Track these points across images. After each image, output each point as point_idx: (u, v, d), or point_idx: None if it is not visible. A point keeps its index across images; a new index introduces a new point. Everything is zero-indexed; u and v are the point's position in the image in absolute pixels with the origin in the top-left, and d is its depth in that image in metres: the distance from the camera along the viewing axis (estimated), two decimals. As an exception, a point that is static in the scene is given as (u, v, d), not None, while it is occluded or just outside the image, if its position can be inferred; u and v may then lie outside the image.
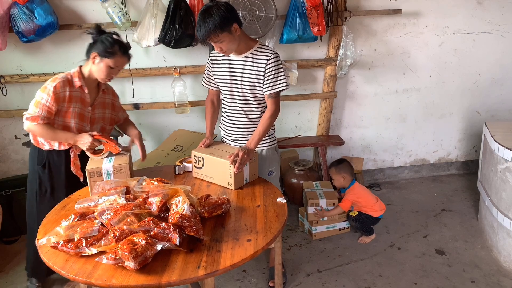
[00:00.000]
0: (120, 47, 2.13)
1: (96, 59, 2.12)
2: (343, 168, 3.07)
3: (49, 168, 2.26)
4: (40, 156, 2.25)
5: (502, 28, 3.67)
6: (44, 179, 2.27)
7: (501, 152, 2.68)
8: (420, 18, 3.53)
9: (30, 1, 2.73)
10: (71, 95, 2.14)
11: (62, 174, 2.27)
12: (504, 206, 2.68)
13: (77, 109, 2.18)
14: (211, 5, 2.06)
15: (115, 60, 2.12)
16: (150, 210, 1.68)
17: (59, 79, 2.11)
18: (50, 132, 2.13)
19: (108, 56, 2.10)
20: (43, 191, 2.29)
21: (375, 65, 3.61)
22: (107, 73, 2.15)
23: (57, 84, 2.09)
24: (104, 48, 2.09)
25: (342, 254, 2.88)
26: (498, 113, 3.95)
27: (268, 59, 2.18)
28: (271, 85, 2.22)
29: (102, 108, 2.32)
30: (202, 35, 2.05)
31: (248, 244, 1.62)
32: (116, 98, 2.44)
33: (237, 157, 2.06)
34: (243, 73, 2.24)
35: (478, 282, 2.59)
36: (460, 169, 4.13)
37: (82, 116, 2.22)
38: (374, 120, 3.80)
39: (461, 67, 3.75)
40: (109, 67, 2.13)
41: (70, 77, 2.16)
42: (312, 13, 3.08)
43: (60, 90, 2.09)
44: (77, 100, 2.18)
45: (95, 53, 2.11)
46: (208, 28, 2.01)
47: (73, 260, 1.51)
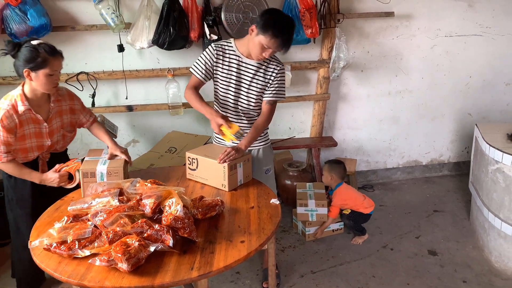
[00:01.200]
0: (46, 50, 1.96)
1: (30, 75, 1.97)
2: (335, 169, 3.10)
3: (15, 178, 2.18)
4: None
5: (493, 30, 3.72)
6: (10, 188, 2.23)
7: (491, 153, 2.71)
8: (412, 20, 3.56)
9: (23, 3, 2.72)
10: (20, 119, 2.03)
11: (28, 184, 2.17)
12: (495, 206, 2.71)
13: (31, 130, 2.09)
14: (292, 21, 2.16)
15: (50, 66, 1.96)
16: (143, 212, 1.68)
17: (3, 110, 1.98)
18: (17, 170, 2.09)
19: (41, 66, 1.95)
20: (10, 199, 2.26)
21: (368, 67, 3.64)
22: (50, 82, 2.00)
23: (3, 117, 1.97)
24: (31, 60, 1.93)
25: (336, 255, 2.90)
26: (489, 114, 4.00)
27: (278, 69, 2.28)
28: (273, 92, 2.29)
29: (59, 116, 2.20)
30: (286, 46, 2.13)
31: (241, 245, 1.62)
32: (75, 101, 2.27)
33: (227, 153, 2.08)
34: (253, 77, 2.26)
35: (469, 282, 2.62)
36: (452, 170, 4.17)
37: (39, 133, 2.13)
38: (367, 122, 3.82)
39: (452, 69, 3.79)
40: (48, 76, 1.98)
41: (14, 102, 2.02)
42: (305, 15, 3.10)
43: (8, 121, 1.98)
44: (29, 122, 2.07)
45: (27, 70, 1.95)
46: (291, 43, 2.14)
47: (66, 262, 1.51)
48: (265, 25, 2.07)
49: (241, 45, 2.25)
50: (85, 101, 2.63)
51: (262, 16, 2.14)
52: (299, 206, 3.03)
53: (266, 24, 2.07)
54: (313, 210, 3.03)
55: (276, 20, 2.09)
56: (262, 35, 2.08)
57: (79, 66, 3.11)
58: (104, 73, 3.12)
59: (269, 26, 2.06)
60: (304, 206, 3.04)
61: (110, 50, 3.09)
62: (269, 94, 2.30)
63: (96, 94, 3.11)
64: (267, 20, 2.08)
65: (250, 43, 2.16)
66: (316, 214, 3.05)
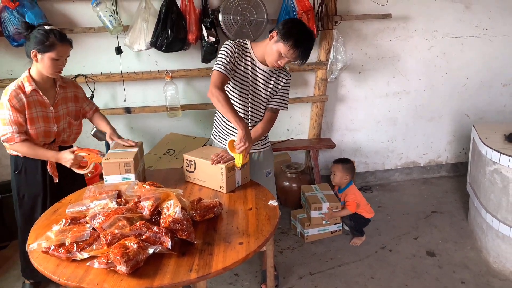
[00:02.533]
0: (56, 36, 2.04)
1: (37, 56, 2.05)
2: (349, 169, 3.15)
3: (25, 174, 2.25)
4: (17, 162, 2.25)
5: (490, 32, 3.73)
6: (20, 185, 2.27)
7: (489, 154, 2.72)
8: (410, 22, 3.58)
9: (20, 5, 2.72)
10: (28, 101, 2.10)
11: (39, 178, 2.25)
12: (492, 207, 2.71)
13: (39, 113, 2.15)
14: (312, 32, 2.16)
15: (56, 51, 2.04)
16: (141, 214, 1.68)
17: (11, 90, 2.07)
18: (32, 151, 2.13)
19: (48, 49, 2.03)
20: (20, 196, 2.29)
21: (366, 68, 3.65)
22: (54, 66, 2.08)
23: (10, 96, 2.05)
24: (40, 42, 2.02)
25: (334, 256, 2.90)
26: (487, 115, 4.01)
27: (286, 78, 2.30)
28: (278, 101, 2.31)
29: (64, 103, 2.27)
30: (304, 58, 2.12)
31: (240, 247, 1.62)
32: (79, 89, 2.37)
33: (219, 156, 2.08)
34: (265, 83, 2.27)
35: (468, 283, 2.62)
36: (450, 171, 4.18)
37: (46, 118, 2.18)
38: (365, 123, 3.83)
39: (450, 70, 3.80)
40: (53, 60, 2.06)
41: (21, 83, 2.10)
42: (303, 17, 3.10)
43: (16, 100, 2.06)
44: (36, 104, 2.13)
45: (34, 51, 2.04)
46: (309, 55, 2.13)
47: (65, 265, 1.51)
48: (286, 34, 2.05)
49: (257, 49, 2.22)
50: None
51: (285, 24, 2.10)
52: (313, 210, 3.02)
53: (288, 33, 2.05)
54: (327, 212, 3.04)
55: (299, 31, 2.07)
56: (282, 43, 2.05)
57: (77, 68, 3.11)
58: (102, 76, 3.12)
59: (291, 35, 2.04)
60: (319, 210, 3.02)
61: (108, 53, 3.10)
62: (274, 103, 2.32)
63: (94, 96, 3.11)
64: (290, 29, 2.06)
65: (268, 49, 2.13)
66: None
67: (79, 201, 1.83)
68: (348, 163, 3.19)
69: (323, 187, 3.28)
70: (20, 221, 2.33)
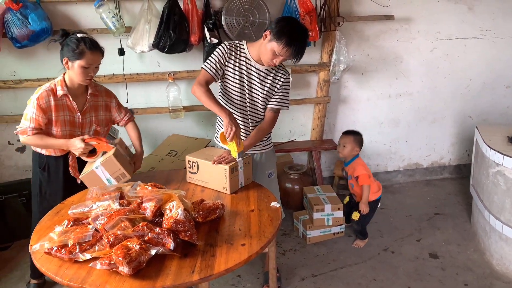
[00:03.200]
0: (86, 44, 2.08)
1: (68, 63, 2.10)
2: (360, 141, 3.05)
3: (48, 171, 2.30)
4: (41, 159, 2.29)
5: (493, 33, 3.72)
6: (44, 181, 2.31)
7: (492, 155, 2.71)
8: (412, 23, 3.57)
9: (24, 7, 2.73)
10: (57, 104, 2.14)
11: (60, 178, 2.30)
12: (496, 209, 2.70)
13: (66, 117, 2.19)
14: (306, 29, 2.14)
15: (86, 59, 2.08)
16: (144, 215, 1.68)
17: (42, 90, 2.12)
18: (42, 141, 2.16)
19: (77, 57, 2.07)
20: (43, 192, 2.33)
21: (368, 70, 3.64)
22: (84, 74, 2.12)
23: (40, 96, 2.11)
24: (71, 50, 2.07)
25: (337, 258, 2.89)
26: (490, 117, 4.00)
27: (285, 77, 2.29)
28: (277, 101, 2.31)
29: (94, 111, 2.30)
30: (298, 55, 2.11)
31: (242, 248, 1.62)
32: (111, 98, 2.38)
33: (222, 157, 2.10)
34: (261, 83, 2.27)
35: (471, 285, 2.61)
36: (453, 173, 4.17)
37: (73, 122, 2.22)
38: (367, 125, 3.82)
39: (452, 72, 3.79)
40: (83, 68, 2.09)
41: (54, 86, 2.15)
42: (306, 18, 3.11)
43: (44, 100, 2.11)
44: (64, 109, 2.18)
45: (66, 58, 2.10)
46: (303, 53, 2.13)
47: (67, 266, 1.51)
48: (279, 32, 2.05)
49: (252, 49, 2.24)
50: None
51: (278, 23, 2.11)
52: (316, 212, 3.01)
53: (281, 32, 2.05)
54: (329, 214, 3.03)
55: (292, 29, 2.07)
56: (275, 41, 2.06)
57: (79, 69, 3.11)
58: (105, 77, 3.13)
59: (284, 34, 2.05)
60: (321, 211, 3.02)
61: (111, 54, 3.09)
62: (274, 102, 2.31)
63: (97, 97, 3.11)
64: (282, 28, 2.06)
65: (262, 48, 2.15)
66: (332, 218, 3.05)
67: (81, 202, 1.84)
68: (358, 134, 3.07)
69: (325, 189, 3.28)
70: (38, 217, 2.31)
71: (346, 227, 3.16)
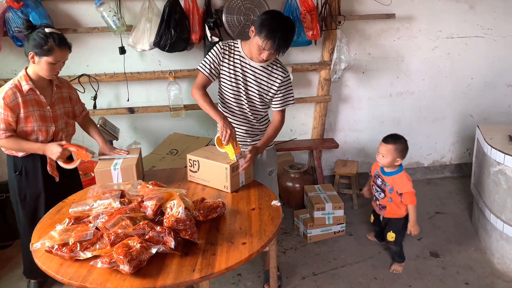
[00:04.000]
0: (55, 40, 2.02)
1: (34, 58, 2.05)
2: (404, 149, 2.61)
3: (25, 174, 2.24)
4: (16, 163, 2.24)
5: (494, 32, 3.71)
6: (22, 185, 2.26)
7: (493, 154, 2.70)
8: (413, 22, 3.56)
9: (25, 5, 2.73)
10: (24, 99, 2.09)
11: (40, 178, 2.25)
12: (497, 208, 2.70)
13: (36, 112, 2.14)
14: (294, 22, 2.14)
15: (54, 55, 2.03)
16: (145, 213, 1.68)
17: (7, 88, 2.06)
18: (17, 146, 2.12)
19: (45, 53, 2.02)
20: (22, 197, 2.28)
21: (369, 69, 3.64)
22: (51, 70, 2.07)
23: (5, 95, 2.04)
24: (39, 46, 2.01)
25: (337, 257, 2.89)
26: (491, 116, 3.99)
27: (283, 76, 2.28)
28: (281, 101, 2.32)
29: (61, 103, 2.27)
30: (280, 48, 2.09)
31: (243, 247, 1.62)
32: (72, 90, 2.35)
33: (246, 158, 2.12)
34: (256, 80, 2.28)
35: (472, 284, 2.61)
36: (454, 172, 4.16)
37: (44, 117, 2.18)
38: (368, 124, 3.82)
39: (454, 70, 3.79)
40: (50, 64, 2.05)
41: (18, 82, 2.09)
42: (307, 17, 3.10)
43: (11, 99, 2.05)
44: (33, 104, 2.12)
45: (32, 53, 2.03)
46: (288, 45, 2.10)
47: (68, 264, 1.51)
48: (260, 26, 2.07)
49: (246, 47, 2.26)
50: (87, 103, 2.65)
51: (260, 17, 2.14)
52: (317, 210, 3.01)
53: (261, 25, 2.07)
54: (330, 213, 3.04)
55: (272, 21, 2.07)
56: (257, 36, 2.08)
57: (80, 68, 3.11)
58: (105, 75, 3.13)
59: (264, 27, 2.06)
60: (322, 210, 3.02)
61: (112, 53, 3.10)
62: (277, 104, 2.33)
63: (98, 96, 3.11)
64: (263, 21, 2.08)
65: (250, 44, 2.18)
66: (333, 217, 3.05)
67: (82, 200, 1.84)
68: (400, 142, 2.59)
69: (326, 188, 3.28)
70: (23, 221, 2.32)
71: (347, 226, 3.16)
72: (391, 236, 2.69)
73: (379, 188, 2.71)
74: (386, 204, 2.70)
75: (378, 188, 2.73)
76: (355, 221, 3.33)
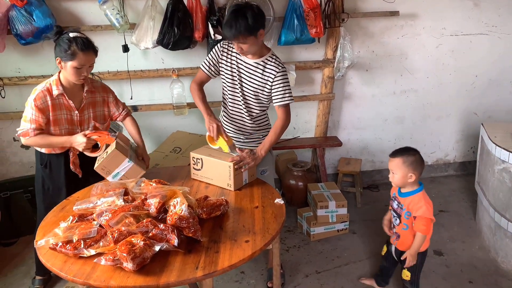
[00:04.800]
0: (78, 44, 2.04)
1: (61, 63, 2.08)
2: (416, 162, 2.15)
3: (50, 168, 2.31)
4: (42, 157, 2.31)
5: (499, 29, 3.69)
6: (46, 178, 2.33)
7: (498, 153, 2.69)
8: (417, 19, 3.55)
9: (28, 4, 2.73)
10: (54, 103, 2.14)
11: (62, 175, 2.31)
12: (501, 206, 2.69)
13: (64, 116, 2.19)
14: (244, 6, 2.12)
15: (78, 60, 2.04)
16: (148, 211, 1.68)
17: (38, 91, 2.11)
18: (45, 141, 2.17)
19: (70, 58, 2.04)
20: (45, 189, 2.35)
21: (373, 66, 3.62)
22: (77, 75, 2.09)
23: (36, 97, 2.10)
24: (63, 50, 2.04)
25: (341, 255, 2.89)
26: (495, 114, 3.97)
27: (277, 71, 2.27)
28: (280, 97, 2.31)
29: (92, 108, 2.29)
30: (231, 34, 2.10)
31: (246, 245, 1.62)
32: (108, 93, 2.36)
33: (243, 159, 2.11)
34: (250, 76, 2.30)
35: (476, 282, 2.60)
36: (457, 170, 4.15)
37: (71, 120, 2.23)
38: (372, 122, 3.81)
39: (458, 68, 3.77)
40: (75, 69, 2.07)
41: (49, 85, 2.14)
42: (310, 15, 3.09)
43: (41, 101, 2.10)
44: (61, 108, 2.17)
45: (59, 58, 2.08)
46: (239, 29, 2.08)
47: (72, 262, 1.52)
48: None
49: None
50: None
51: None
52: (320, 209, 3.01)
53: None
54: (334, 211, 3.03)
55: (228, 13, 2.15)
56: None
57: (84, 66, 3.12)
58: (109, 74, 3.13)
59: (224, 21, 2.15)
60: (325, 208, 3.02)
61: (115, 51, 3.10)
62: (278, 99, 2.32)
63: (101, 94, 3.12)
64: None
65: None
66: (336, 215, 3.05)
67: (86, 198, 1.84)
68: (411, 152, 2.17)
69: (329, 186, 3.27)
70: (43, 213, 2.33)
71: (350, 224, 3.15)
72: (405, 275, 2.29)
73: (395, 213, 2.29)
74: (400, 233, 2.26)
75: (394, 213, 2.30)
76: (359, 219, 3.32)
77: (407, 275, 2.29)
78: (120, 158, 2.06)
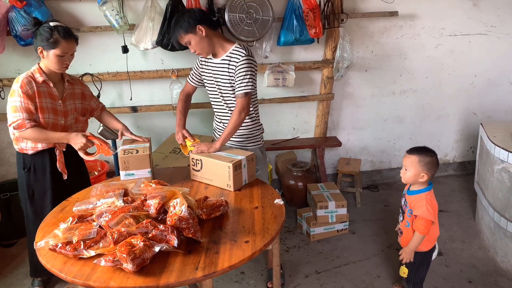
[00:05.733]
0: (60, 33, 2.08)
1: (43, 52, 2.11)
2: (431, 163, 2.16)
3: (34, 171, 2.27)
4: (25, 160, 2.27)
5: (498, 29, 3.70)
6: (30, 182, 2.29)
7: (497, 152, 2.69)
8: (416, 20, 3.55)
9: (28, 5, 2.74)
10: (39, 90, 2.13)
11: (47, 176, 2.29)
12: (500, 206, 2.69)
13: (48, 104, 2.18)
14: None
15: (61, 48, 2.08)
16: (148, 212, 1.68)
17: (22, 78, 2.11)
18: (42, 135, 2.14)
19: (52, 46, 2.07)
20: (30, 194, 2.31)
21: (372, 67, 3.63)
22: (60, 62, 2.12)
23: (22, 84, 2.09)
24: (45, 39, 2.07)
25: (340, 255, 2.89)
26: (494, 114, 3.97)
27: (238, 60, 2.26)
28: (239, 84, 2.27)
29: (72, 99, 2.31)
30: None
31: (246, 245, 1.62)
32: (85, 87, 2.41)
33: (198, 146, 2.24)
34: (218, 74, 2.35)
35: (475, 282, 2.60)
36: (457, 170, 4.15)
37: (55, 110, 2.22)
38: (371, 122, 3.81)
39: (457, 68, 3.77)
40: (58, 57, 2.10)
41: (31, 74, 2.15)
42: (309, 15, 3.10)
43: (28, 87, 2.09)
44: (45, 95, 2.17)
45: (40, 47, 2.09)
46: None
47: (72, 263, 1.52)
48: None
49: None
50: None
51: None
52: (319, 209, 3.02)
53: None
54: (333, 211, 3.04)
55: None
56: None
57: (83, 67, 3.12)
58: (108, 74, 3.13)
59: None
60: (325, 208, 3.02)
61: (115, 51, 3.11)
62: (237, 87, 2.28)
63: (101, 95, 3.12)
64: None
65: None
66: (336, 215, 3.05)
67: (86, 199, 1.85)
68: (428, 153, 2.18)
69: (329, 186, 3.28)
70: (32, 218, 2.34)
71: (350, 224, 3.16)
72: (403, 272, 2.29)
73: (401, 209, 2.31)
74: (403, 229, 2.27)
75: (400, 209, 2.33)
76: (358, 219, 3.33)
77: (405, 271, 2.28)
78: (146, 164, 2.07)
